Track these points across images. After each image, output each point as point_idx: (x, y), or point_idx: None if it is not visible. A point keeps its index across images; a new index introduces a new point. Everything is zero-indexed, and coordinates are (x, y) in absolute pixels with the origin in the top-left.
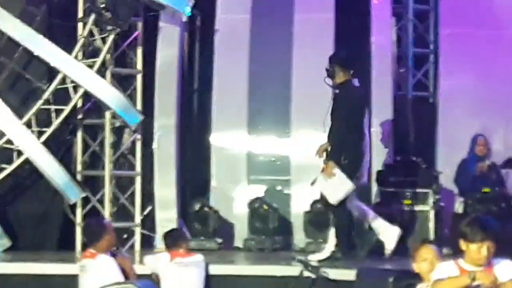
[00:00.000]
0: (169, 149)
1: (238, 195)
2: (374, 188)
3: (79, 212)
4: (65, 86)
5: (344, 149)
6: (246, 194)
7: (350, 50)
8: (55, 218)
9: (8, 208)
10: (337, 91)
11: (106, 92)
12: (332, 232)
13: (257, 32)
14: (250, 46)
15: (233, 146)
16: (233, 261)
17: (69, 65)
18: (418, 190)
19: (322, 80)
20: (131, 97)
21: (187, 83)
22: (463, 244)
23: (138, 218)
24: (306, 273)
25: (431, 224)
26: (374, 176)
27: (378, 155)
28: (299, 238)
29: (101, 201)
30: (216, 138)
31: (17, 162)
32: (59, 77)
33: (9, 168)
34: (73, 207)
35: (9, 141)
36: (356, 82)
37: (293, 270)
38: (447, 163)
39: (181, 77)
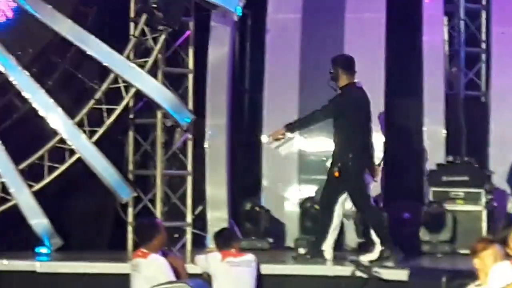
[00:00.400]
0: (220, 149)
1: (289, 194)
2: (426, 187)
3: (130, 212)
4: (117, 85)
5: (349, 150)
6: (297, 193)
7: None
8: (107, 217)
9: (60, 207)
10: (339, 91)
11: (158, 91)
12: (372, 232)
13: (308, 32)
14: (301, 45)
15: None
16: (284, 260)
17: (120, 64)
18: (470, 190)
19: (373, 80)
20: (183, 97)
21: (238, 82)
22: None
23: (189, 218)
24: (358, 273)
25: (484, 224)
26: (426, 176)
27: (430, 155)
28: (351, 237)
29: (152, 201)
30: (267, 138)
31: (69, 162)
32: (111, 77)
33: (61, 168)
34: (124, 206)
35: (62, 141)
36: (359, 84)
37: (345, 270)
38: (499, 162)
39: (232, 76)
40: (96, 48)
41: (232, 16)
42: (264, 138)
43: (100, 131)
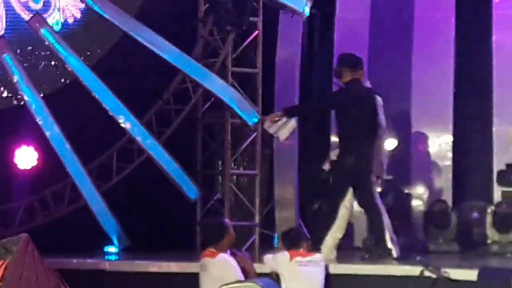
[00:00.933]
0: (288, 148)
1: None
2: (495, 187)
3: (198, 211)
4: (185, 86)
5: (352, 147)
6: None
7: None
8: (175, 217)
9: (130, 207)
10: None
11: (226, 91)
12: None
13: (376, 32)
14: (370, 45)
15: None
16: (353, 260)
17: (189, 65)
18: None
19: (442, 79)
20: (251, 97)
21: (306, 82)
22: None
23: (257, 217)
24: (427, 273)
25: None
26: (495, 176)
27: (499, 155)
28: (420, 238)
29: (220, 201)
30: (336, 138)
31: (137, 162)
32: (179, 77)
33: (130, 167)
34: (193, 206)
35: (130, 141)
36: (367, 83)
37: (414, 270)
38: None
39: (301, 76)
40: (164, 48)
41: (300, 16)
42: (332, 138)
43: (168, 131)
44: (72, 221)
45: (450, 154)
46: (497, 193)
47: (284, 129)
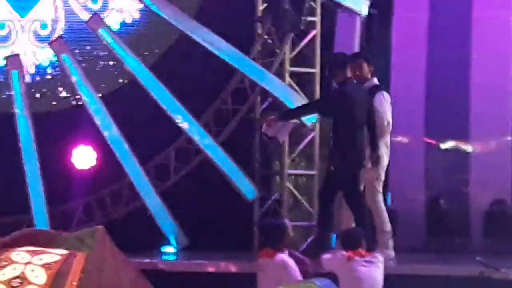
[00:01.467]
0: None
1: (416, 195)
2: None
3: (256, 212)
4: (242, 85)
5: (344, 147)
6: (424, 193)
7: None
8: (233, 217)
9: (187, 207)
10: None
11: (283, 91)
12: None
13: (435, 31)
14: (428, 45)
15: (410, 147)
16: (412, 261)
17: (246, 64)
18: None
19: (502, 78)
20: (308, 97)
21: None
22: None
23: (315, 218)
24: (487, 274)
25: None
26: None
27: None
28: (479, 238)
29: (278, 201)
30: (394, 139)
31: (195, 162)
32: (236, 76)
33: (187, 167)
34: (250, 206)
35: (188, 141)
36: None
37: (473, 270)
38: None
39: None
40: (222, 48)
41: (358, 15)
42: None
43: (226, 131)
44: (130, 221)
45: (509, 153)
46: None
47: (283, 131)
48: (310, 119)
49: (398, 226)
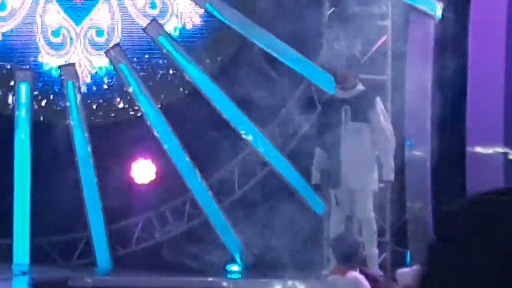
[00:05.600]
0: (421, 159)
1: None
2: None
3: (326, 227)
4: (310, 94)
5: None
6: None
7: None
8: (301, 233)
9: (253, 223)
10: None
11: None
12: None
13: None
14: (507, 49)
15: (489, 158)
16: None
17: (314, 71)
18: None
19: None
20: None
21: (439, 89)
22: None
23: (389, 233)
24: None
25: None
26: None
27: None
28: None
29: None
30: (472, 149)
31: (260, 175)
32: (303, 84)
33: (252, 181)
34: (319, 221)
35: (252, 153)
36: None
37: None
38: None
39: (433, 83)
40: (287, 54)
41: (432, 18)
42: (467, 149)
43: (293, 142)
44: (192, 238)
45: None
46: None
47: None
48: None
49: None
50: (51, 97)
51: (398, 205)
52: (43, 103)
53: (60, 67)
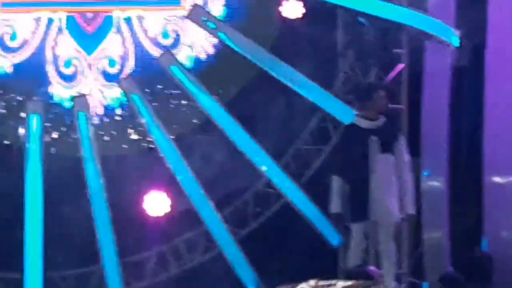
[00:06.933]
0: (438, 190)
1: None
2: None
3: (342, 259)
4: (324, 124)
5: None
6: None
7: None
8: (317, 265)
9: (268, 255)
10: None
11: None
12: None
13: None
14: None
15: (506, 187)
16: None
17: (328, 101)
18: None
19: None
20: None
21: (455, 118)
22: None
23: (405, 264)
24: None
25: None
26: None
27: None
28: None
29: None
30: (489, 179)
31: (275, 206)
32: (318, 114)
33: (267, 213)
34: (335, 253)
35: (267, 184)
36: None
37: None
38: None
39: (450, 112)
40: (301, 83)
41: (448, 47)
42: (486, 179)
43: (308, 173)
44: (207, 271)
45: None
46: None
47: None
48: None
49: (494, 274)
50: (63, 129)
51: (414, 236)
52: (54, 135)
53: (72, 98)
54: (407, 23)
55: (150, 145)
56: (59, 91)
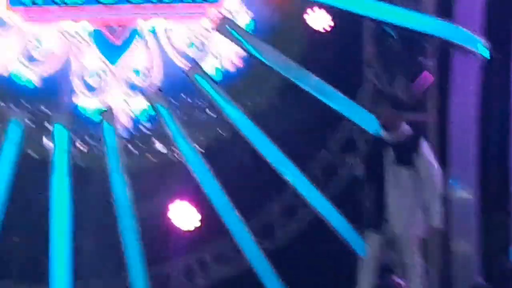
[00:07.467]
0: (466, 200)
1: None
2: None
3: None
4: (351, 134)
5: None
6: None
7: None
8: (345, 277)
9: (295, 267)
10: None
11: None
12: None
13: None
14: None
15: None
16: None
17: (355, 111)
18: None
19: None
20: None
21: (483, 127)
22: None
23: (435, 277)
24: None
25: None
26: None
27: None
28: None
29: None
30: None
31: (302, 217)
32: (345, 124)
33: (295, 224)
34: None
35: (294, 195)
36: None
37: None
38: None
39: (478, 124)
40: (328, 94)
41: (476, 57)
42: None
43: (335, 183)
44: (234, 283)
45: None
46: None
47: None
48: None
49: None
50: (89, 140)
51: (443, 247)
52: (80, 147)
53: (98, 110)
54: (434, 33)
55: (177, 157)
56: (85, 102)
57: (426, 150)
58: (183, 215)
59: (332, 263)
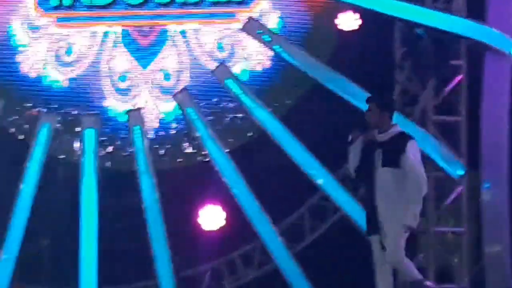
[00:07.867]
0: (498, 203)
1: None
2: None
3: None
4: None
5: None
6: None
7: None
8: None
9: (325, 270)
10: None
11: (427, 141)
12: None
13: None
14: None
15: None
16: None
17: None
18: None
19: None
20: (454, 147)
21: None
22: None
23: (466, 280)
24: None
25: None
26: None
27: None
28: None
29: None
30: None
31: (332, 220)
32: None
33: (324, 227)
34: None
35: (324, 197)
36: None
37: None
38: None
39: (509, 124)
40: (358, 96)
41: (508, 57)
42: None
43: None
44: (263, 285)
45: None
46: None
47: None
48: (458, 172)
49: None
50: (118, 142)
51: (475, 250)
52: (109, 149)
53: (127, 112)
54: (465, 34)
55: (205, 159)
56: (114, 104)
57: (413, 150)
58: (212, 217)
59: (361, 265)
